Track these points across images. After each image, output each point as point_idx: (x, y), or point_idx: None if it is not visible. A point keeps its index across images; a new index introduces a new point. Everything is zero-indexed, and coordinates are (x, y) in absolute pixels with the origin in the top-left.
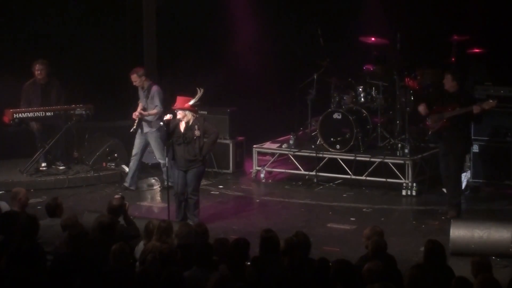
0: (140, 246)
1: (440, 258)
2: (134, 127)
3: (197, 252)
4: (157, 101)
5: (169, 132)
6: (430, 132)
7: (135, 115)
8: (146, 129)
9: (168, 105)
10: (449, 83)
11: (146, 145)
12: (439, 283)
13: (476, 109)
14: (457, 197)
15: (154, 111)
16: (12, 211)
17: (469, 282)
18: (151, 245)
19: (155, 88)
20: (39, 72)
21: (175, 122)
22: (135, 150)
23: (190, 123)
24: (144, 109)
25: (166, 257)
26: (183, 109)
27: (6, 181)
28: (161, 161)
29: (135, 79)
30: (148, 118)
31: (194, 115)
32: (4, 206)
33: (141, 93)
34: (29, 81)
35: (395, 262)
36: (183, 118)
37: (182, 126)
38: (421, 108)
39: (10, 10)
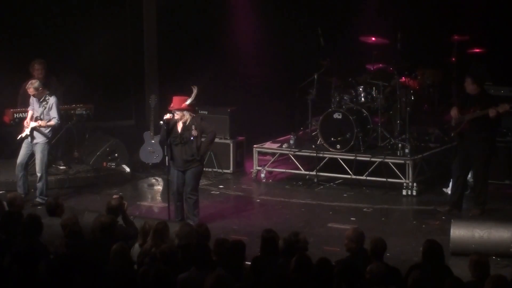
0: (136, 247)
1: (439, 258)
2: (23, 135)
3: (196, 252)
4: (54, 113)
5: (168, 132)
6: (452, 134)
7: (28, 123)
8: (37, 139)
9: (166, 106)
10: (469, 86)
11: (31, 156)
12: (437, 282)
13: (491, 112)
14: (482, 196)
15: (52, 122)
16: (16, 210)
17: (463, 283)
18: (148, 247)
19: (53, 100)
20: (39, 71)
21: (173, 122)
22: (21, 159)
23: (188, 123)
24: (38, 119)
25: (166, 257)
26: (181, 109)
27: (6, 181)
28: (38, 174)
29: (33, 92)
30: (43, 128)
31: (192, 114)
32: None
33: (35, 103)
34: (26, 81)
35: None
36: (181, 118)
37: (180, 126)
38: (453, 113)
39: (10, 10)
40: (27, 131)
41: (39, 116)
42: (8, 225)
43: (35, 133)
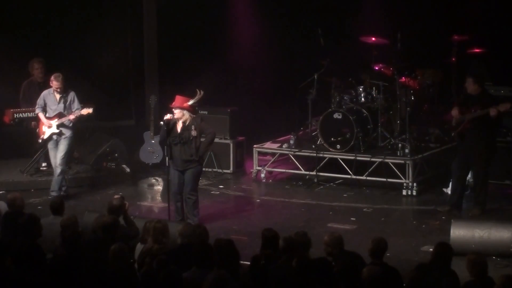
0: (138, 246)
1: (447, 262)
2: (45, 136)
3: (196, 252)
4: (77, 104)
5: (168, 132)
6: (453, 134)
7: (50, 123)
8: (66, 134)
9: (166, 106)
10: (470, 86)
11: None
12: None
13: (492, 111)
14: (482, 196)
15: (81, 112)
16: (15, 211)
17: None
18: (149, 246)
19: (73, 93)
20: (39, 70)
21: (172, 122)
22: (54, 161)
23: (187, 123)
24: (61, 115)
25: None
26: (182, 108)
27: (6, 181)
28: (59, 168)
29: (58, 85)
30: (66, 122)
31: (192, 115)
32: (5, 207)
33: (51, 99)
34: (27, 80)
35: (362, 259)
36: (181, 117)
37: (179, 126)
38: (454, 112)
39: (10, 10)
40: (52, 130)
41: (63, 112)
42: (8, 225)
43: (62, 129)
